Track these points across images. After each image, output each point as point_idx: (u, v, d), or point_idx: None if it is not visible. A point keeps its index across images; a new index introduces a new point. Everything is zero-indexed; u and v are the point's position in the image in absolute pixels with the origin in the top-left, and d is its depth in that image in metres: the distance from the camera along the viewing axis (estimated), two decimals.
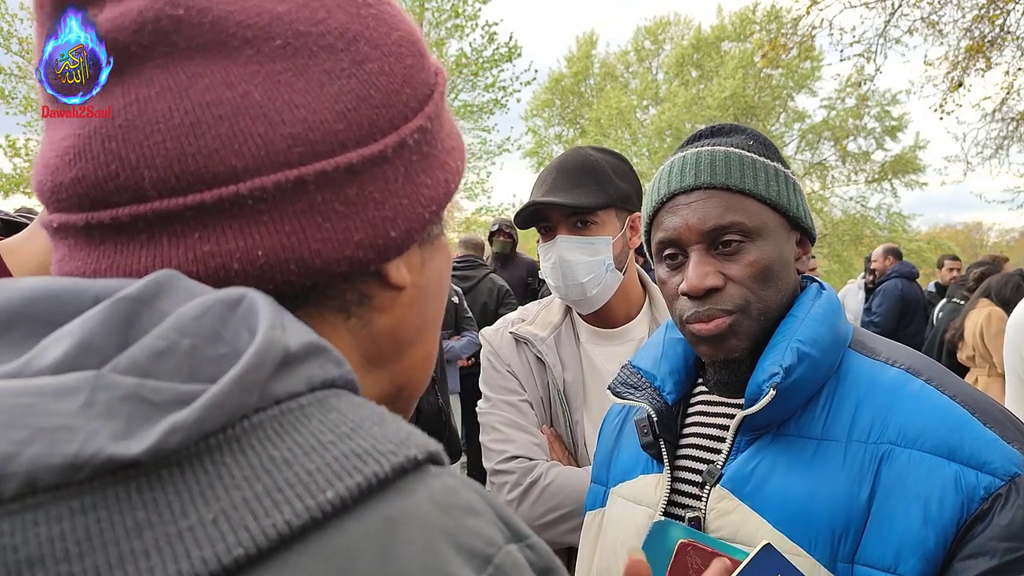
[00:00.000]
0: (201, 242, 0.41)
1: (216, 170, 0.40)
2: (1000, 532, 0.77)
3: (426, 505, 0.33)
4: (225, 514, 0.29)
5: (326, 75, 0.43)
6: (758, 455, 0.93)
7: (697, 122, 23.43)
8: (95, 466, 0.29)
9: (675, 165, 1.00)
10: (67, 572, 0.27)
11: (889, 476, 0.83)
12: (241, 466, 0.31)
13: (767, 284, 0.93)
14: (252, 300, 0.36)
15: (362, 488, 0.32)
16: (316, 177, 0.42)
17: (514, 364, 1.59)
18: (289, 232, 0.42)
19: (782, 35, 11.05)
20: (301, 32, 0.43)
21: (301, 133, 0.41)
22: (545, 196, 1.52)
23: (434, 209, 0.48)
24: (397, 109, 0.46)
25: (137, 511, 0.29)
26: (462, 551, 0.32)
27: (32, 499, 0.28)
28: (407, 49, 0.48)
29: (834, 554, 0.84)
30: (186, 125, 0.40)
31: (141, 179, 0.40)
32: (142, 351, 0.33)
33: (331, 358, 0.37)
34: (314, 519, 0.30)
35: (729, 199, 0.94)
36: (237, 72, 0.41)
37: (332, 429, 0.34)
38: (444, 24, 15.61)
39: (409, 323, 0.52)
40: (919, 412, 0.86)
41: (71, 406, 0.30)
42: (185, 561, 0.28)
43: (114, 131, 0.41)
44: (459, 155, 0.52)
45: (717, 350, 0.94)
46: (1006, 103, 11.14)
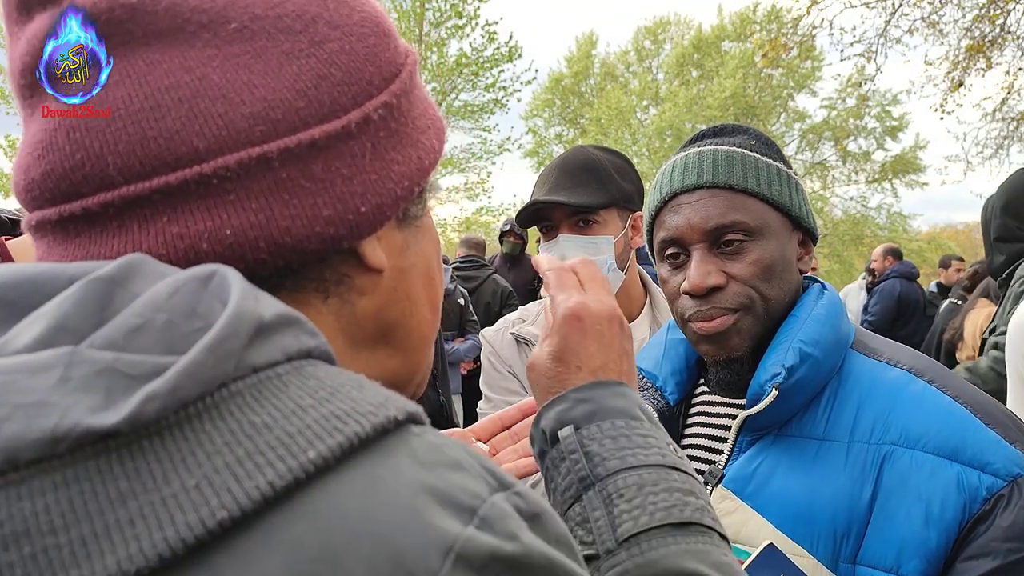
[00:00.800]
0: (169, 225, 0.41)
1: (179, 152, 0.40)
2: (1002, 533, 0.77)
3: (408, 463, 0.33)
4: (207, 479, 0.29)
5: (284, 56, 0.43)
6: (760, 455, 0.93)
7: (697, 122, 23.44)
8: (74, 439, 0.29)
9: (677, 164, 1.00)
10: (53, 544, 0.27)
11: (891, 477, 0.83)
12: (221, 432, 0.31)
13: (770, 283, 0.93)
14: (224, 275, 0.36)
15: (344, 448, 0.32)
16: (280, 154, 0.42)
17: (515, 365, 1.58)
18: (256, 210, 0.42)
19: (782, 35, 11.05)
20: (258, 15, 0.43)
21: (261, 112, 0.42)
22: (547, 195, 1.51)
23: (406, 185, 0.48)
24: (360, 86, 0.46)
25: (120, 481, 0.29)
26: (447, 505, 0.32)
27: (14, 475, 0.28)
28: (369, 29, 0.48)
29: (836, 554, 0.84)
30: (146, 109, 0.40)
31: (106, 166, 0.40)
32: (117, 328, 0.33)
33: (305, 329, 0.37)
34: (297, 480, 0.30)
35: (731, 198, 0.94)
36: (195, 56, 0.42)
37: (311, 394, 0.34)
38: (444, 24, 15.61)
39: (395, 305, 0.51)
40: (921, 413, 0.85)
41: (47, 382, 0.31)
42: (170, 527, 0.28)
43: (77, 121, 0.41)
44: (436, 135, 0.52)
45: (719, 349, 0.94)
46: (1006, 103, 11.14)
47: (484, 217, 18.33)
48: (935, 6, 10.04)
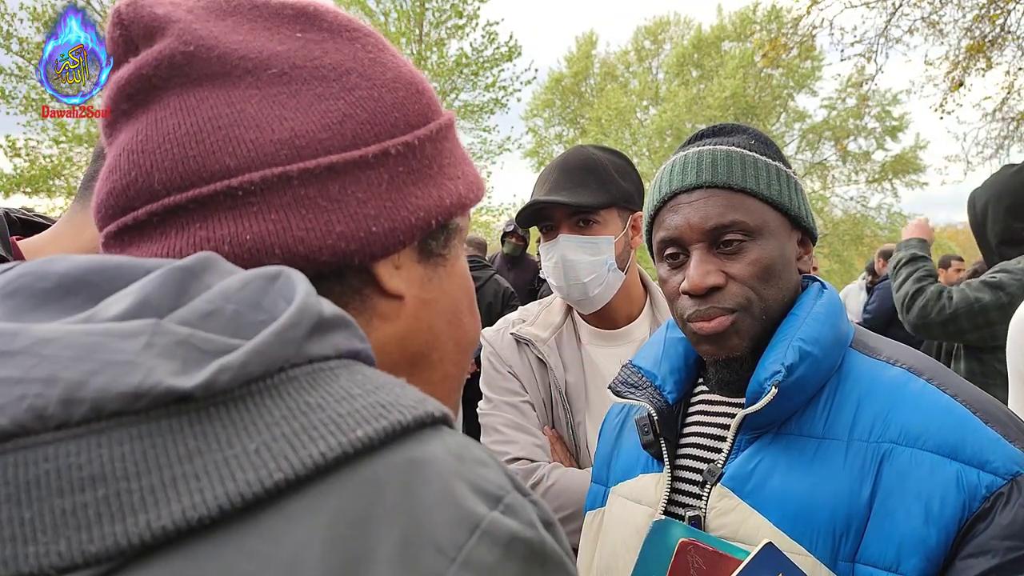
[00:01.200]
0: (200, 229, 0.47)
1: (213, 168, 0.46)
2: (1002, 531, 0.77)
3: (443, 452, 0.36)
4: (267, 445, 0.33)
5: (316, 97, 0.49)
6: (759, 454, 0.93)
7: (697, 122, 23.43)
8: (154, 396, 0.32)
9: (676, 164, 1.00)
10: (126, 489, 0.31)
11: (890, 475, 0.83)
12: (280, 408, 0.35)
13: (769, 283, 0.93)
14: (289, 275, 0.41)
15: (388, 432, 0.35)
16: (299, 173, 0.47)
17: (515, 365, 1.58)
18: (275, 220, 0.47)
19: (782, 35, 11.05)
20: (297, 65, 0.50)
21: (288, 139, 0.48)
22: (547, 195, 1.51)
23: (422, 216, 0.52)
24: (383, 127, 0.51)
25: (188, 440, 0.32)
26: (477, 491, 0.36)
27: (97, 424, 0.32)
28: (400, 85, 0.54)
29: (835, 553, 0.84)
30: (190, 134, 0.47)
31: (152, 181, 0.47)
32: (192, 312, 0.37)
33: (356, 333, 0.42)
34: (345, 453, 0.34)
35: (731, 198, 0.94)
36: (238, 95, 0.48)
37: (359, 385, 0.38)
38: (444, 24, 15.61)
39: (417, 336, 0.55)
40: (920, 411, 0.85)
41: (134, 346, 0.34)
42: (231, 483, 0.31)
43: (136, 145, 0.48)
44: (466, 185, 0.57)
45: (719, 349, 0.94)
46: (1007, 103, 11.14)
47: (484, 217, 18.33)
48: (935, 6, 10.04)
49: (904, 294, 2.35)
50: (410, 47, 15.69)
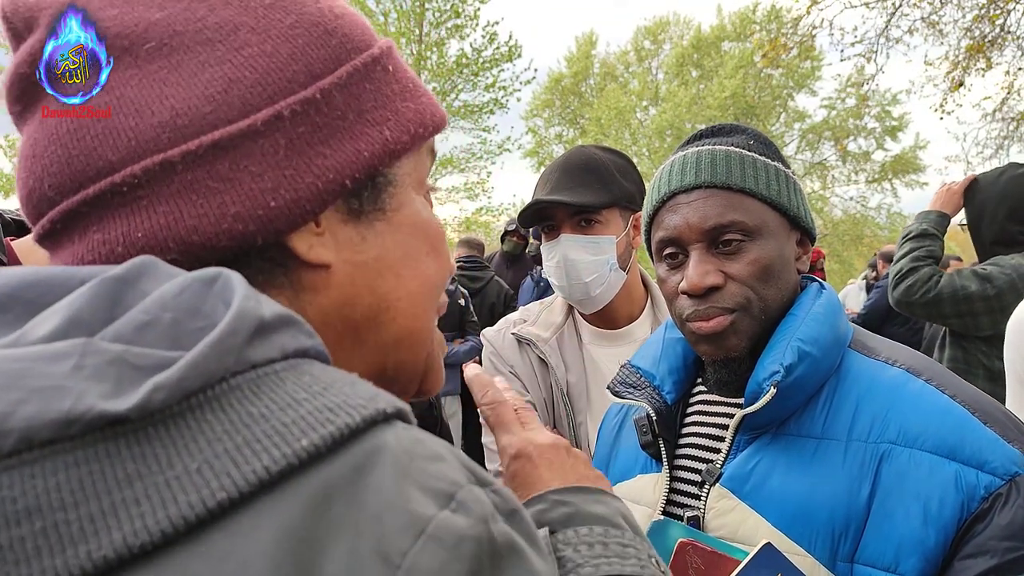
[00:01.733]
0: (95, 232, 0.45)
1: (97, 166, 0.44)
2: (1000, 531, 0.77)
3: (393, 452, 0.35)
4: (208, 463, 0.32)
5: (199, 65, 0.45)
6: (758, 454, 0.93)
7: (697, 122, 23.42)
8: (86, 422, 0.31)
9: (675, 164, 1.00)
10: (63, 520, 0.29)
11: (889, 475, 0.83)
12: (221, 421, 0.33)
13: (768, 283, 0.93)
14: (227, 277, 0.39)
15: (335, 437, 0.34)
16: (182, 157, 0.44)
17: (517, 365, 1.58)
18: (164, 212, 0.44)
19: (782, 35, 11.05)
20: (177, 31, 0.46)
21: (168, 120, 0.44)
22: (550, 195, 1.51)
23: (331, 178, 0.47)
24: (277, 85, 0.46)
25: (127, 463, 0.31)
26: (426, 491, 0.34)
27: (29, 454, 0.30)
28: (302, 31, 0.48)
29: (834, 553, 0.84)
30: (70, 132, 0.44)
31: (44, 187, 0.45)
32: (127, 324, 0.35)
33: (303, 330, 0.39)
34: (291, 465, 0.32)
35: (729, 198, 0.94)
36: (116, 78, 0.45)
37: (305, 388, 0.36)
38: (444, 24, 15.60)
39: (357, 301, 0.51)
40: (919, 411, 0.85)
41: (63, 369, 0.33)
42: (173, 506, 0.30)
43: (27, 151, 0.46)
44: (397, 124, 0.51)
45: (717, 349, 0.94)
46: (1006, 103, 11.14)
47: (484, 217, 18.32)
48: (935, 6, 10.04)
49: (899, 269, 2.36)
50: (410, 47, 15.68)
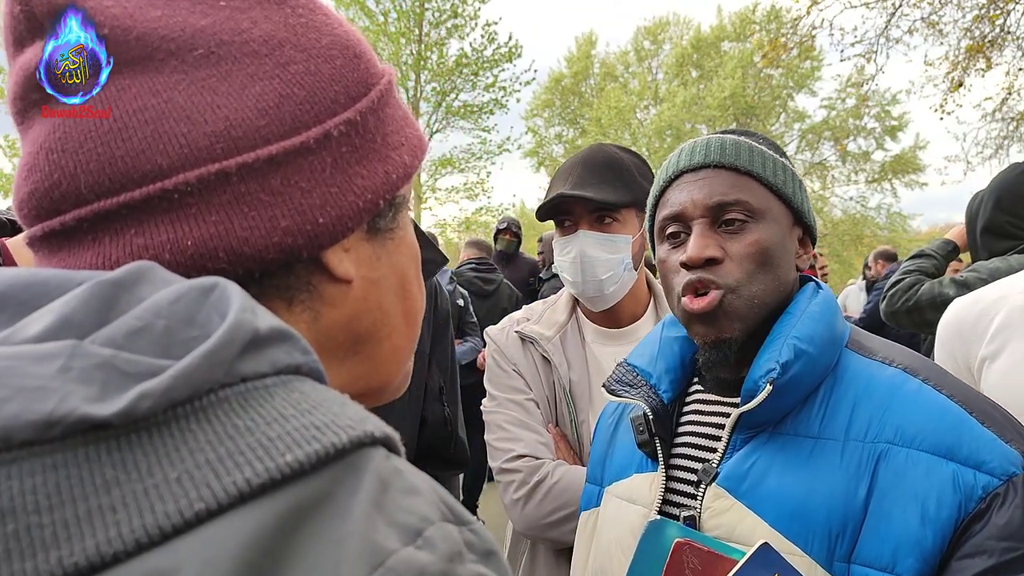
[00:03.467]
0: (136, 237, 0.44)
1: (143, 169, 0.43)
2: (998, 531, 0.77)
3: (370, 480, 0.34)
4: (188, 473, 0.31)
5: (249, 78, 0.46)
6: (754, 453, 0.93)
7: (697, 122, 23.43)
8: (68, 424, 0.30)
9: (684, 148, 1.02)
10: (37, 524, 0.29)
11: (886, 475, 0.83)
12: (206, 432, 0.33)
13: (765, 268, 0.93)
14: (224, 287, 0.38)
15: (319, 455, 0.33)
16: (238, 169, 0.44)
17: (520, 363, 1.58)
18: (216, 222, 0.44)
19: (782, 35, 11.05)
20: (224, 41, 0.46)
21: (223, 131, 0.44)
22: (573, 189, 1.51)
23: (369, 198, 0.50)
24: (323, 105, 0.48)
25: (106, 469, 0.30)
26: (392, 524, 0.33)
27: (7, 454, 0.30)
28: (337, 52, 0.50)
29: (831, 553, 0.84)
30: (115, 131, 0.43)
31: (79, 184, 0.44)
32: (119, 329, 0.35)
33: (298, 346, 0.39)
34: (272, 479, 0.32)
35: (736, 178, 0.95)
36: (162, 81, 0.44)
37: (294, 405, 0.35)
38: (444, 24, 15.61)
39: (365, 316, 0.53)
40: (917, 411, 0.85)
41: (49, 370, 0.32)
42: (150, 515, 0.30)
43: (54, 143, 0.44)
44: (409, 151, 0.54)
45: (709, 329, 0.94)
46: (1006, 103, 11.14)
47: (484, 217, 18.32)
48: (935, 6, 10.04)
49: (890, 283, 2.46)
50: (410, 47, 15.68)
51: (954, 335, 1.47)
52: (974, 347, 1.41)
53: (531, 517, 1.44)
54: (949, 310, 1.52)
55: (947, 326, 1.51)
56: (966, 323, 1.44)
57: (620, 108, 24.18)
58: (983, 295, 1.44)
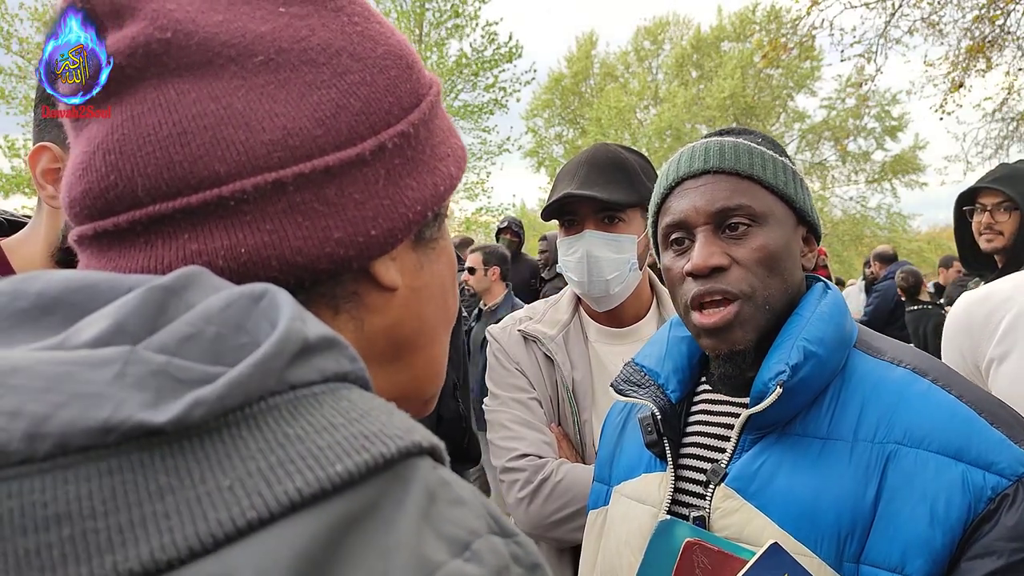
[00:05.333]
0: (189, 242, 0.44)
1: (201, 175, 0.43)
2: (1007, 532, 0.77)
3: (417, 491, 0.35)
4: (241, 481, 0.31)
5: (307, 86, 0.46)
6: (763, 454, 0.92)
7: (697, 122, 23.45)
8: (123, 431, 0.31)
9: (684, 154, 1.01)
10: (92, 528, 0.29)
11: (895, 476, 0.83)
12: (257, 440, 0.33)
13: (772, 271, 0.93)
14: (274, 295, 0.39)
15: (369, 465, 0.34)
16: (294, 179, 0.44)
17: (523, 362, 1.58)
18: (270, 230, 0.45)
19: (782, 35, 11.04)
20: (283, 48, 0.46)
21: (281, 139, 0.44)
22: (579, 189, 1.51)
23: (419, 210, 0.50)
24: (378, 116, 0.48)
25: (160, 476, 0.31)
26: (441, 536, 0.34)
27: (63, 459, 0.30)
28: (391, 62, 0.50)
29: (840, 554, 0.83)
30: (174, 136, 0.43)
31: (135, 187, 0.44)
32: (171, 335, 0.35)
33: (346, 354, 0.39)
34: (323, 489, 0.32)
35: (737, 183, 0.95)
36: (221, 87, 0.44)
37: (343, 414, 0.36)
38: (444, 24, 15.62)
39: (406, 324, 0.54)
40: (925, 412, 0.85)
41: (105, 376, 0.32)
42: (202, 522, 0.30)
43: (112, 145, 0.44)
44: (454, 162, 0.54)
45: (721, 342, 0.94)
46: (1006, 103, 11.15)
47: (484, 217, 18.33)
48: (935, 6, 10.04)
49: None
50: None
51: (963, 332, 1.46)
52: (983, 346, 1.41)
53: (535, 516, 1.44)
54: (958, 305, 1.51)
55: (956, 322, 1.50)
56: (975, 321, 1.43)
57: (620, 108, 24.19)
58: (992, 293, 1.43)
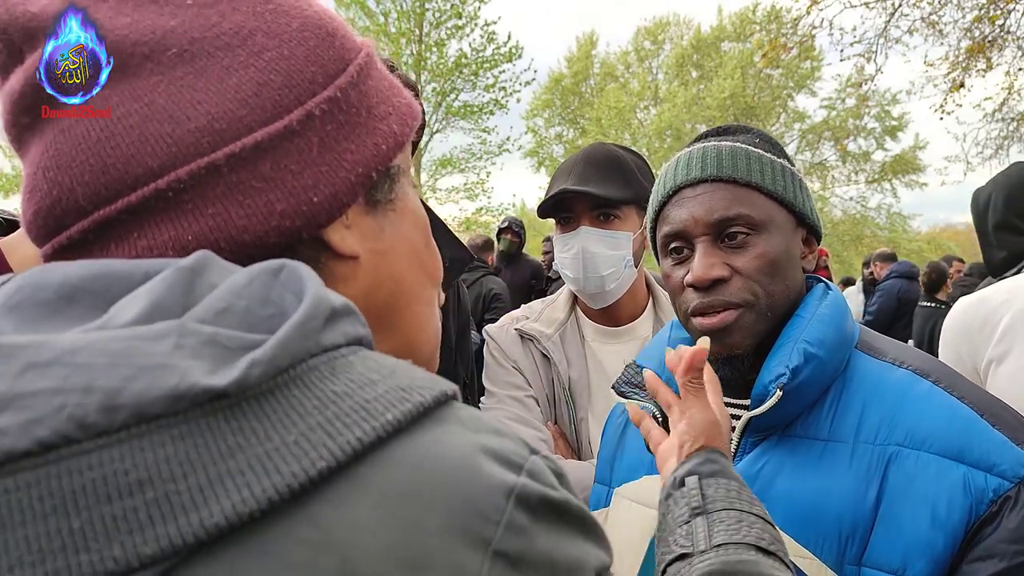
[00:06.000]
0: (139, 239, 0.45)
1: (136, 173, 0.44)
2: (1009, 535, 0.76)
3: (460, 428, 0.39)
4: (305, 436, 0.34)
5: (224, 70, 0.47)
6: (764, 456, 0.92)
7: (697, 122, 23.45)
8: (192, 397, 0.33)
9: (681, 160, 1.00)
10: (174, 490, 0.31)
11: (897, 478, 0.83)
12: (309, 398, 0.36)
13: (774, 278, 0.93)
14: (293, 268, 0.41)
15: (412, 414, 0.37)
16: (227, 160, 0.45)
17: (519, 360, 1.58)
18: (213, 214, 0.46)
19: (782, 35, 11.04)
20: (195, 39, 0.47)
21: (206, 125, 0.45)
22: (576, 185, 1.52)
23: (360, 172, 0.51)
24: (302, 87, 0.49)
25: (228, 436, 0.33)
26: (499, 460, 0.38)
27: (136, 428, 0.32)
28: (310, 32, 0.51)
29: (841, 556, 0.83)
30: (103, 140, 0.45)
31: (77, 196, 0.45)
32: (206, 310, 0.37)
33: (359, 319, 0.42)
34: (379, 437, 0.35)
35: (735, 192, 0.94)
36: (141, 85, 0.45)
37: (375, 371, 0.39)
38: (444, 24, 15.62)
39: (381, 288, 0.55)
40: (927, 413, 0.85)
41: (164, 348, 0.34)
42: (277, 475, 0.33)
43: (48, 161, 0.46)
44: (398, 120, 0.54)
45: (722, 346, 0.93)
46: (1007, 103, 11.14)
47: (484, 217, 18.33)
48: (935, 6, 10.03)
49: None
50: (410, 47, 15.69)
51: (961, 335, 1.46)
52: (981, 348, 1.40)
53: None
54: (956, 309, 1.51)
55: (954, 325, 1.50)
56: (973, 323, 1.43)
57: (620, 108, 24.20)
58: (990, 295, 1.43)
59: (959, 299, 1.62)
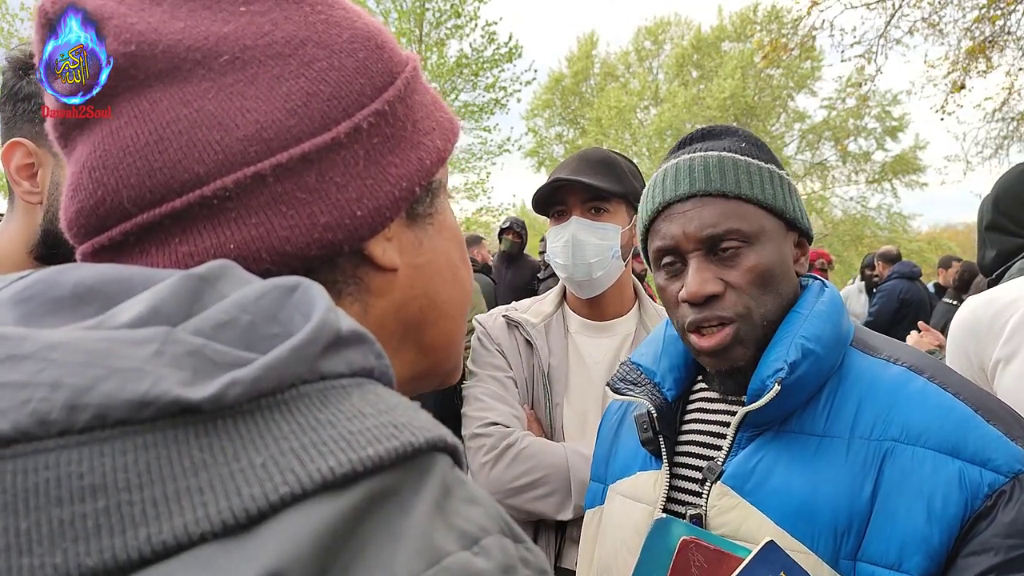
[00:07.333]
0: (180, 245, 0.45)
1: (182, 178, 0.44)
2: (1004, 529, 0.77)
3: (434, 483, 0.36)
4: (274, 459, 0.32)
5: (275, 79, 0.46)
6: (760, 451, 0.93)
7: (697, 122, 23.41)
8: (160, 406, 0.32)
9: (668, 173, 0.99)
10: (127, 501, 0.30)
11: (892, 473, 0.83)
12: (289, 423, 0.34)
13: (767, 289, 0.93)
14: (308, 287, 0.40)
15: (398, 452, 0.34)
16: (273, 170, 0.45)
17: (504, 343, 1.67)
18: (256, 224, 0.45)
19: (782, 35, 11.03)
20: (248, 46, 0.47)
21: (255, 133, 0.45)
22: (569, 175, 1.62)
23: (404, 186, 0.50)
24: (351, 99, 0.48)
25: (194, 452, 0.31)
26: (452, 528, 0.35)
27: (100, 432, 0.31)
28: (359, 44, 0.51)
29: (837, 551, 0.84)
30: (151, 144, 0.44)
31: (122, 199, 0.45)
32: (206, 321, 0.36)
33: (373, 350, 0.40)
34: (354, 471, 0.33)
35: (725, 205, 0.94)
36: (191, 90, 0.45)
37: (371, 405, 0.37)
38: (444, 24, 15.61)
39: (414, 302, 0.54)
40: (922, 409, 0.85)
41: (144, 353, 0.33)
42: (236, 497, 0.31)
43: (96, 161, 0.45)
44: (441, 135, 0.55)
45: (721, 361, 0.94)
46: (1007, 103, 11.13)
47: (484, 217, 18.34)
48: (935, 7, 10.02)
49: None
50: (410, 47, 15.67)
51: (969, 335, 1.46)
52: (988, 348, 1.41)
53: (497, 481, 1.50)
54: (964, 308, 1.51)
55: (961, 325, 1.50)
56: (981, 323, 1.43)
57: (620, 108, 24.18)
58: (998, 295, 1.43)
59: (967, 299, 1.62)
